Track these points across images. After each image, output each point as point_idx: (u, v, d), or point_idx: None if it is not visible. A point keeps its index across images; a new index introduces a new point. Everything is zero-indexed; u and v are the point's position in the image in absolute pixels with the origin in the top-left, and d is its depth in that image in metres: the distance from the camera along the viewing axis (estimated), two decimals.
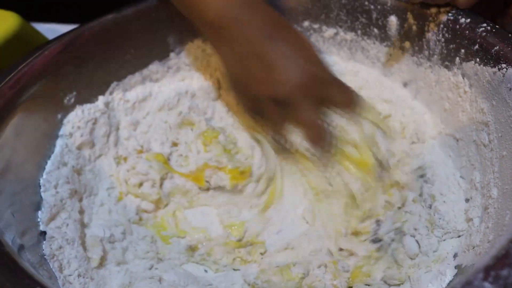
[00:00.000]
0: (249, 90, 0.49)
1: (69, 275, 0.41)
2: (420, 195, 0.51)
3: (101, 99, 0.56)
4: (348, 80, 0.61)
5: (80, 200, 0.50)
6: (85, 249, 0.45)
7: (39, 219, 0.45)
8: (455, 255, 0.46)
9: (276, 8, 0.60)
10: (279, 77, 0.46)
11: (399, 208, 0.49)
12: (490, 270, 0.29)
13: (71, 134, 0.52)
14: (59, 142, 0.51)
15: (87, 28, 0.55)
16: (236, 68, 0.50)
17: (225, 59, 0.51)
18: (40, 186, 0.48)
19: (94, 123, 0.54)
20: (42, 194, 0.46)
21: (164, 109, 0.60)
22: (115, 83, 0.58)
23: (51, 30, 0.70)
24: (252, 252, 0.50)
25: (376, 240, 0.48)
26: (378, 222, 0.48)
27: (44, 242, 0.43)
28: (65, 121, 0.53)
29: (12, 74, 0.48)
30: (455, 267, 0.44)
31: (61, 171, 0.49)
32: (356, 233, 0.49)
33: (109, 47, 0.57)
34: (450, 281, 0.41)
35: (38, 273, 0.35)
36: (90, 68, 0.56)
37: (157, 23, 0.59)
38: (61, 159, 0.50)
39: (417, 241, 0.47)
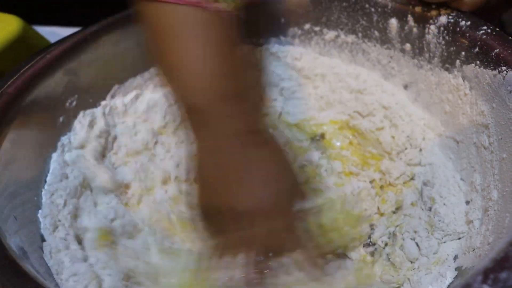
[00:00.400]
0: (208, 196, 0.43)
1: (68, 278, 0.42)
2: (420, 197, 0.51)
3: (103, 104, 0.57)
4: (349, 83, 0.61)
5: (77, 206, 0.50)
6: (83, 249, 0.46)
7: (40, 222, 0.45)
8: (455, 257, 0.46)
9: (277, 11, 0.62)
10: (240, 192, 0.42)
11: (394, 212, 0.50)
12: (489, 272, 0.29)
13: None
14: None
15: (89, 32, 0.56)
16: (204, 165, 0.44)
17: (197, 149, 0.45)
18: (41, 191, 0.48)
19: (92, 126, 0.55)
20: (43, 197, 0.47)
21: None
22: (116, 86, 0.58)
23: (53, 33, 0.70)
24: None
25: (369, 244, 0.48)
26: (371, 227, 0.48)
27: (44, 244, 0.44)
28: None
29: (15, 77, 0.49)
30: (455, 269, 0.44)
31: (61, 182, 0.50)
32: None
33: (110, 50, 0.57)
34: (450, 283, 0.41)
35: (40, 276, 0.35)
36: (92, 71, 0.56)
37: None
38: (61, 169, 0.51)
39: (417, 244, 0.47)
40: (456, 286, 0.29)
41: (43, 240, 0.44)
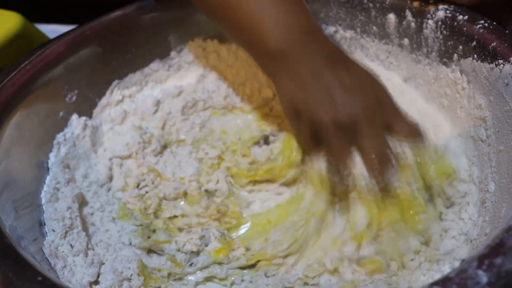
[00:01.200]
0: (309, 117, 0.47)
1: (66, 266, 0.42)
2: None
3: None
4: None
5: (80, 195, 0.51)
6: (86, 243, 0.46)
7: (40, 214, 0.46)
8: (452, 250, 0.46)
9: None
10: (343, 100, 0.45)
11: None
12: (484, 258, 0.29)
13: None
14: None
15: (88, 28, 0.56)
16: (296, 95, 0.48)
17: (282, 86, 0.49)
18: (42, 184, 0.48)
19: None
20: (43, 193, 0.48)
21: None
22: (116, 81, 0.59)
23: (53, 31, 0.70)
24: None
25: None
26: None
27: (45, 231, 0.44)
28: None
29: (15, 72, 0.49)
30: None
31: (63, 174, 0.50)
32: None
33: (110, 46, 0.58)
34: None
35: (40, 264, 0.35)
36: (92, 67, 0.56)
37: (158, 22, 0.60)
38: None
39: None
40: (452, 272, 0.29)
41: (43, 231, 0.44)
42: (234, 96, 0.61)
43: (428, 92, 0.57)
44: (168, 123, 0.59)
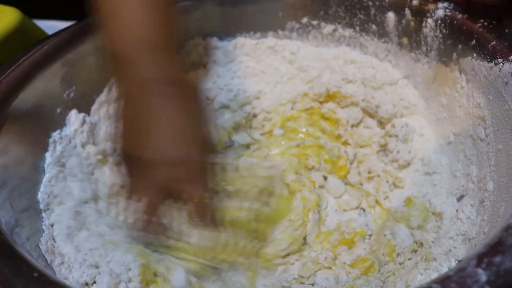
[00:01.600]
0: (125, 138, 0.45)
1: (63, 263, 0.42)
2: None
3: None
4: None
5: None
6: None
7: (39, 211, 0.45)
8: (450, 249, 0.46)
9: (275, 5, 0.62)
10: (150, 141, 0.43)
11: None
12: (483, 257, 0.29)
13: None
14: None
15: (86, 24, 0.56)
16: (123, 108, 0.46)
17: (119, 93, 0.47)
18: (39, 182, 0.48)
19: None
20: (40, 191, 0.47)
21: None
22: (114, 78, 0.58)
23: (51, 27, 0.70)
24: None
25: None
26: None
27: (42, 228, 0.44)
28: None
29: (13, 68, 0.49)
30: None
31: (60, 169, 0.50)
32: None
33: None
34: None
35: (36, 261, 0.35)
36: (90, 63, 0.56)
37: None
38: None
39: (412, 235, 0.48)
40: (451, 271, 0.29)
41: (39, 228, 0.44)
42: None
43: (427, 91, 0.57)
44: None
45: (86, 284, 0.41)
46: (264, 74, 0.64)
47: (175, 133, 0.44)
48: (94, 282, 0.41)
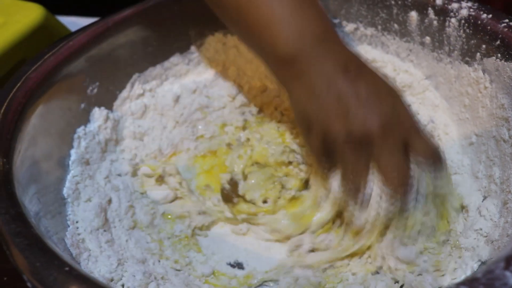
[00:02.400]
0: (320, 128, 0.44)
1: (90, 256, 0.43)
2: None
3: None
4: None
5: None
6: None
7: (63, 205, 0.46)
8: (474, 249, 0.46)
9: None
10: (357, 112, 0.42)
11: None
12: (510, 259, 0.29)
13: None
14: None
15: (110, 21, 0.56)
16: (307, 104, 0.45)
17: (293, 95, 0.47)
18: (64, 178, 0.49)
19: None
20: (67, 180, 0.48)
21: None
22: (136, 74, 0.59)
23: (73, 23, 0.71)
24: None
25: None
26: None
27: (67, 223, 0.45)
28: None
29: (38, 63, 0.50)
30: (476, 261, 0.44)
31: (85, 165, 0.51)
32: None
33: (131, 39, 0.58)
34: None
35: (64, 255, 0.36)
36: (112, 60, 0.57)
37: (179, 15, 0.60)
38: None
39: None
40: (478, 273, 0.29)
41: (64, 222, 0.45)
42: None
43: (449, 91, 0.57)
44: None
45: (112, 280, 0.41)
46: None
47: (382, 104, 0.43)
48: (120, 278, 0.42)
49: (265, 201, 0.53)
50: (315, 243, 0.48)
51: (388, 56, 0.61)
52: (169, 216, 0.52)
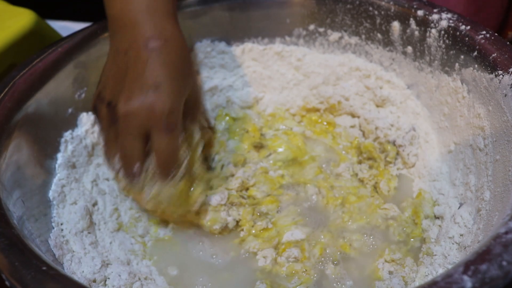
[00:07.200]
0: (99, 88, 0.49)
1: (74, 257, 0.44)
2: None
3: None
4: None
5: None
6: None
7: (49, 205, 0.47)
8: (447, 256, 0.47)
9: (283, 12, 0.63)
10: (124, 88, 0.45)
11: None
12: (470, 264, 0.30)
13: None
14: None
15: (99, 27, 0.57)
16: (108, 61, 0.49)
17: (109, 51, 0.50)
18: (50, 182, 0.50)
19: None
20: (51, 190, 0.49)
21: None
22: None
23: (65, 27, 0.72)
24: None
25: None
26: None
27: (52, 225, 0.46)
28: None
29: (27, 69, 0.51)
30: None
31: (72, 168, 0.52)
32: None
33: None
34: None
35: (44, 255, 0.37)
36: (101, 65, 0.57)
37: None
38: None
39: None
40: (438, 277, 0.30)
41: (49, 225, 0.46)
42: None
43: (429, 100, 0.58)
44: None
45: (94, 281, 0.42)
46: (270, 79, 0.65)
47: (156, 81, 0.44)
48: (104, 279, 0.43)
49: None
50: None
51: (371, 65, 0.63)
52: (153, 221, 0.53)
